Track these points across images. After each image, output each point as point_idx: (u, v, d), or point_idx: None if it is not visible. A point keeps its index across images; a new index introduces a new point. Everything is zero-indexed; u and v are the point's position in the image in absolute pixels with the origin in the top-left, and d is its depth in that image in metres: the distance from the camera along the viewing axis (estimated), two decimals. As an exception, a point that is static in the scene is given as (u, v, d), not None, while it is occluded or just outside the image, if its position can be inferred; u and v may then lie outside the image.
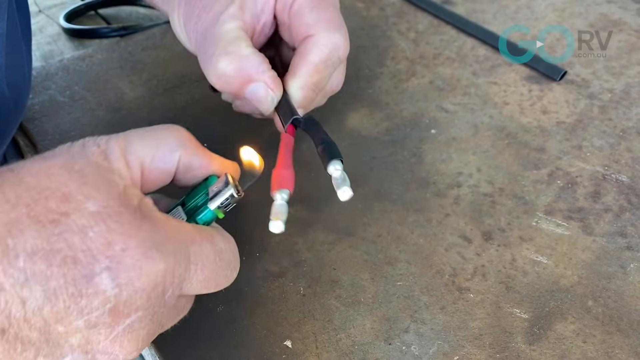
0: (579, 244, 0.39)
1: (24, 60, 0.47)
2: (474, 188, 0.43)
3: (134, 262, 0.25)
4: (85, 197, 0.25)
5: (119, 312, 0.25)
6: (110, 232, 0.25)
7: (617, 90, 0.51)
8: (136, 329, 0.26)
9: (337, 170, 0.32)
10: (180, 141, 0.31)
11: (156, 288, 0.26)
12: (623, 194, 0.42)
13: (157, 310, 0.26)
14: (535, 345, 0.34)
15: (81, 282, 0.24)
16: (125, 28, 0.62)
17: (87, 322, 0.24)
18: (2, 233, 0.23)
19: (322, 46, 0.38)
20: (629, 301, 0.36)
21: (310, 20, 0.38)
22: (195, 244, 0.28)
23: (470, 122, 0.49)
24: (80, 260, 0.24)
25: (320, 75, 0.39)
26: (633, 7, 0.61)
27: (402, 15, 0.62)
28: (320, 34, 0.38)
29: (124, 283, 0.24)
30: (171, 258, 0.26)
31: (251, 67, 0.37)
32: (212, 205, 0.31)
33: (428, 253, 0.39)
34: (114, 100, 0.53)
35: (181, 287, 0.27)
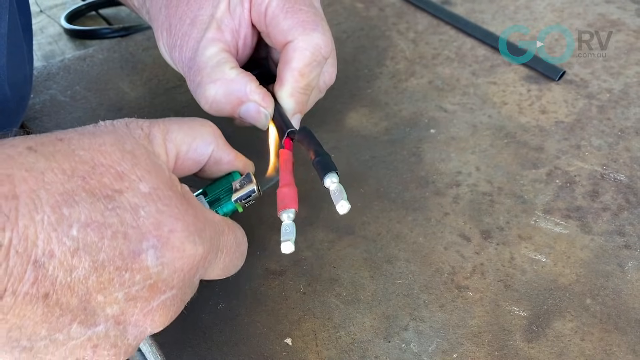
0: (578, 243, 0.40)
1: (25, 60, 0.48)
2: (473, 187, 0.44)
3: (179, 243, 0.26)
4: (139, 177, 0.26)
5: (156, 289, 0.26)
6: (160, 213, 0.26)
7: (615, 90, 0.51)
8: (167, 306, 0.27)
9: (333, 183, 0.32)
10: (214, 136, 0.33)
11: (191, 270, 0.27)
12: (621, 193, 0.43)
13: (186, 290, 0.28)
14: (534, 343, 0.34)
15: (128, 256, 0.25)
16: (125, 28, 0.62)
17: (126, 295, 0.25)
18: (59, 201, 0.24)
19: (303, 50, 0.38)
20: (626, 299, 0.36)
21: (285, 26, 0.38)
22: (225, 234, 0.30)
23: (469, 122, 0.49)
24: (130, 236, 0.25)
25: (307, 78, 0.39)
26: (632, 8, 0.61)
27: (401, 15, 0.62)
28: (298, 38, 0.38)
29: (167, 262, 0.26)
30: (207, 244, 0.28)
31: (239, 89, 0.38)
32: (234, 197, 0.34)
33: (427, 251, 0.40)
34: (114, 100, 0.53)
35: (206, 270, 0.29)
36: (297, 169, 0.45)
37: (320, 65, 0.39)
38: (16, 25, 0.45)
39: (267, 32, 0.40)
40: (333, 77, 0.43)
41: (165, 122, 0.31)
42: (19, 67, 0.46)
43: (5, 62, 0.43)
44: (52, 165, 0.24)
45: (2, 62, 0.43)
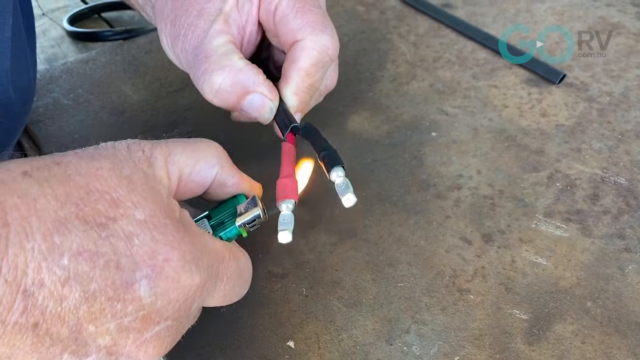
0: (578, 246, 0.40)
1: (29, 64, 0.48)
2: (474, 190, 0.44)
3: (174, 273, 0.26)
4: (134, 204, 0.26)
5: (150, 320, 0.25)
6: (155, 242, 0.25)
7: (615, 93, 0.52)
8: (162, 337, 0.26)
9: (339, 177, 0.33)
10: (219, 158, 0.33)
11: (187, 300, 0.27)
12: (621, 197, 0.43)
13: (182, 321, 0.27)
14: (535, 346, 0.35)
15: (121, 287, 0.24)
16: (128, 31, 0.62)
17: (118, 326, 0.25)
18: (50, 229, 0.23)
19: (311, 50, 0.38)
20: (627, 302, 0.36)
21: (295, 25, 0.38)
22: (225, 262, 0.30)
23: (470, 125, 0.49)
24: (123, 265, 0.24)
25: (312, 78, 0.39)
26: (632, 11, 0.61)
27: (402, 18, 0.62)
28: (307, 38, 0.38)
29: (161, 292, 0.25)
30: (205, 273, 0.27)
31: (247, 79, 0.37)
32: (238, 222, 0.33)
33: (429, 255, 0.40)
34: (117, 103, 0.54)
35: (204, 300, 0.29)
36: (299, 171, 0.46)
37: (325, 66, 0.40)
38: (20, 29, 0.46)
39: (275, 30, 0.40)
40: (334, 81, 0.43)
41: (169, 143, 0.31)
42: (23, 71, 0.46)
43: (9, 65, 0.43)
44: (45, 192, 0.24)
45: (6, 65, 0.43)
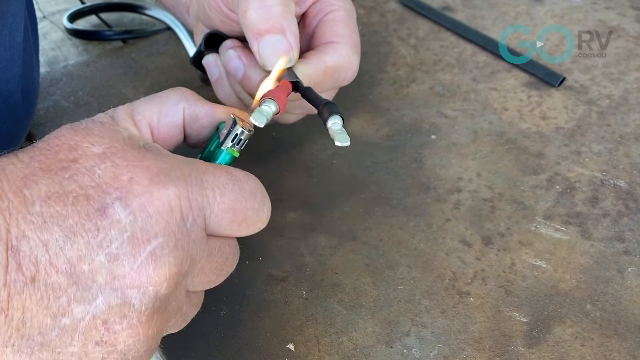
0: (578, 249, 0.40)
1: (34, 68, 0.48)
2: (474, 193, 0.44)
3: (143, 187, 0.26)
4: (91, 143, 0.27)
5: (137, 240, 0.25)
6: (116, 166, 0.26)
7: (615, 96, 0.52)
8: (159, 256, 0.26)
9: (337, 124, 0.33)
10: (183, 95, 0.33)
11: (172, 212, 0.26)
12: (621, 199, 0.43)
13: (180, 237, 0.26)
14: (534, 349, 0.35)
15: (95, 215, 0.25)
16: (128, 32, 0.62)
17: (108, 255, 0.25)
18: (19, 186, 0.25)
19: (342, 56, 0.39)
20: (626, 305, 0.37)
21: (341, 31, 0.40)
22: (208, 173, 0.29)
23: (470, 128, 0.49)
24: (91, 196, 0.25)
25: (324, 77, 0.39)
26: (631, 14, 0.61)
27: (402, 21, 0.62)
28: (345, 46, 0.39)
29: (137, 209, 0.25)
30: (181, 182, 0.27)
31: (291, 23, 0.36)
32: (224, 145, 0.32)
33: (429, 257, 0.40)
34: (117, 105, 0.54)
35: (204, 216, 0.28)
36: (299, 174, 0.46)
37: (338, 81, 0.40)
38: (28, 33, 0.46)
39: (315, 27, 0.41)
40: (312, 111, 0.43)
41: (132, 102, 0.31)
42: (30, 76, 0.46)
43: (20, 71, 0.43)
44: (12, 160, 0.26)
45: (17, 71, 0.43)
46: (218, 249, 0.30)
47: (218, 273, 0.30)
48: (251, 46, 0.37)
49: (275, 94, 0.33)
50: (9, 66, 0.42)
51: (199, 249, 0.28)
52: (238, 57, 0.40)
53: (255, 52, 0.37)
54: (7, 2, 0.40)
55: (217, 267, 0.30)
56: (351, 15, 0.42)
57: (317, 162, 0.47)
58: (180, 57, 0.59)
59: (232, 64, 0.40)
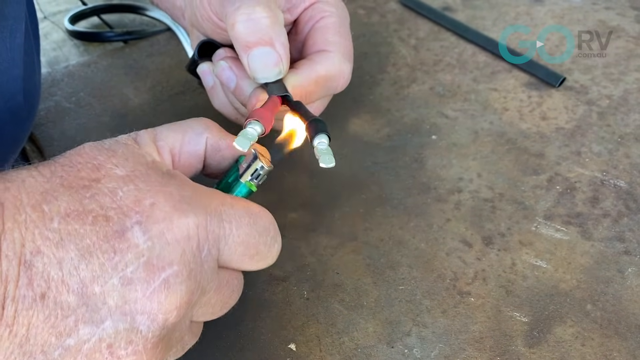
0: (578, 249, 0.40)
1: (36, 69, 0.48)
2: (475, 193, 0.44)
3: (164, 214, 0.25)
4: (114, 165, 0.26)
5: (153, 266, 0.25)
6: (139, 190, 0.26)
7: (615, 96, 0.52)
8: (173, 284, 0.25)
9: (322, 143, 0.33)
10: (206, 125, 0.33)
11: (189, 241, 0.26)
12: (621, 200, 0.43)
13: (193, 267, 0.26)
14: (535, 349, 0.35)
15: (113, 237, 0.24)
16: (129, 33, 0.63)
17: (122, 279, 0.24)
18: (39, 200, 0.24)
19: (333, 65, 0.39)
20: (626, 305, 0.37)
21: (332, 39, 0.40)
22: (227, 205, 0.28)
23: (470, 128, 0.50)
24: (111, 217, 0.25)
25: (316, 87, 0.39)
26: (631, 14, 0.62)
27: (402, 22, 0.62)
28: (336, 54, 0.39)
29: (156, 235, 0.25)
30: (201, 211, 0.27)
31: (280, 34, 0.36)
32: (243, 179, 0.32)
33: (429, 257, 0.40)
34: (119, 106, 0.54)
35: (218, 247, 0.28)
36: (300, 174, 0.46)
37: (329, 90, 0.40)
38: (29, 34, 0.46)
39: (307, 34, 0.41)
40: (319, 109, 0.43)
41: (155, 127, 0.31)
42: (31, 77, 0.47)
43: (21, 73, 0.43)
44: (32, 173, 0.26)
45: (18, 72, 0.43)
46: (227, 281, 0.29)
47: (222, 305, 0.30)
48: (241, 59, 0.37)
49: (260, 114, 0.33)
50: (11, 68, 0.42)
51: (209, 280, 0.28)
52: (230, 68, 0.40)
53: (245, 65, 0.37)
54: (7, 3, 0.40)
55: (223, 300, 0.30)
56: (343, 21, 0.42)
57: (318, 163, 0.47)
58: (181, 58, 0.59)
59: (225, 75, 0.40)
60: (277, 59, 0.36)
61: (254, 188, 0.33)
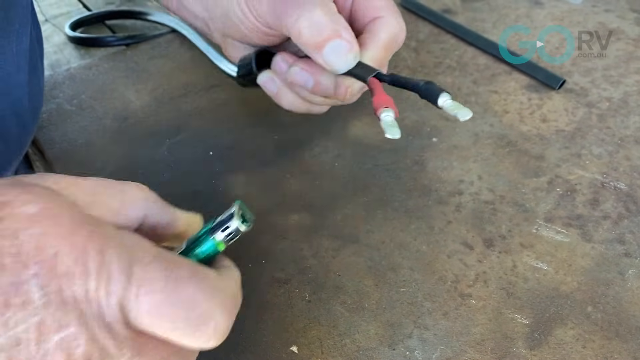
0: (579, 251, 0.40)
1: (40, 73, 0.49)
2: (475, 196, 0.44)
3: (65, 268, 0.22)
4: (24, 202, 0.23)
5: (46, 327, 0.22)
6: (45, 235, 0.22)
7: (615, 98, 0.52)
8: (67, 348, 0.22)
9: (446, 100, 0.35)
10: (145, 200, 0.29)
11: (90, 303, 0.23)
12: (621, 202, 0.43)
13: (97, 332, 0.23)
14: (536, 350, 0.35)
15: (8, 289, 0.21)
16: (130, 37, 0.63)
17: (8, 339, 0.21)
18: None
19: (392, 27, 0.40)
20: (627, 307, 0.37)
21: (379, 4, 0.41)
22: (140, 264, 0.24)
23: (471, 131, 0.50)
24: (7, 266, 0.21)
25: (386, 52, 0.40)
26: (631, 16, 0.62)
27: (403, 23, 0.62)
28: (389, 16, 0.40)
29: (53, 291, 0.22)
30: (104, 270, 0.23)
31: (341, 23, 0.38)
32: (213, 235, 0.28)
33: (431, 260, 0.40)
34: (120, 108, 0.54)
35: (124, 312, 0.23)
36: (302, 177, 0.46)
37: (396, 48, 0.41)
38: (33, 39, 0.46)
39: (350, 9, 0.42)
40: None
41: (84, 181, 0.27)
42: (36, 81, 0.47)
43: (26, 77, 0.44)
44: None
45: (24, 77, 0.43)
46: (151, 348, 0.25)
47: None
48: (316, 60, 0.38)
49: (383, 101, 0.35)
50: (17, 72, 0.43)
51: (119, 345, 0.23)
52: (302, 69, 0.41)
53: (322, 63, 0.38)
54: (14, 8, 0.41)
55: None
56: None
57: (319, 165, 0.48)
58: (182, 60, 0.59)
59: (301, 78, 0.41)
60: (348, 46, 0.37)
61: (222, 247, 0.28)
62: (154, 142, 0.50)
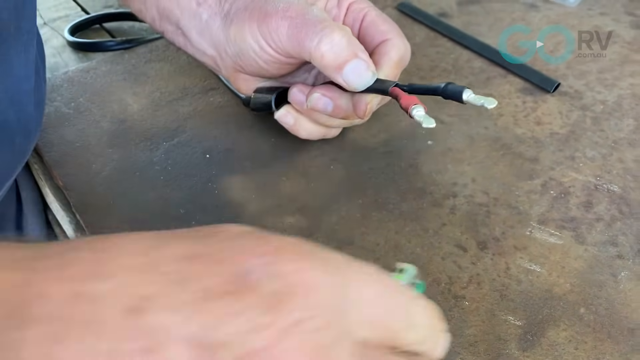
0: (572, 253, 0.40)
1: (42, 81, 0.49)
2: (470, 198, 0.45)
3: None
4: None
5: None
6: None
7: (609, 101, 0.52)
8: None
9: (470, 95, 0.39)
10: None
11: None
12: (614, 204, 0.43)
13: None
14: (529, 352, 0.35)
15: None
16: (129, 41, 0.63)
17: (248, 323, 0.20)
18: None
19: (399, 47, 0.44)
20: (619, 309, 0.37)
21: (384, 28, 0.44)
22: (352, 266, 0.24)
23: (465, 133, 0.50)
24: None
25: (397, 70, 0.44)
26: (626, 20, 0.62)
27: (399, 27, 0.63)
28: (396, 38, 0.44)
29: None
30: None
31: (357, 44, 0.41)
32: None
33: (425, 262, 0.41)
34: (118, 111, 0.54)
35: None
36: (298, 179, 0.47)
37: (403, 67, 0.45)
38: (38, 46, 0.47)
39: (359, 35, 0.45)
40: None
41: None
42: (40, 88, 0.48)
43: (33, 85, 0.44)
44: None
45: (30, 85, 0.44)
46: None
47: None
48: (336, 80, 0.41)
49: (411, 99, 0.38)
50: (24, 82, 0.43)
51: None
52: (322, 94, 0.43)
53: (342, 82, 0.40)
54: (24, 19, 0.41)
55: None
56: (378, 10, 0.46)
57: (315, 167, 0.48)
58: (180, 63, 0.60)
59: (321, 103, 0.43)
60: (366, 65, 0.40)
61: None
62: (151, 145, 0.50)
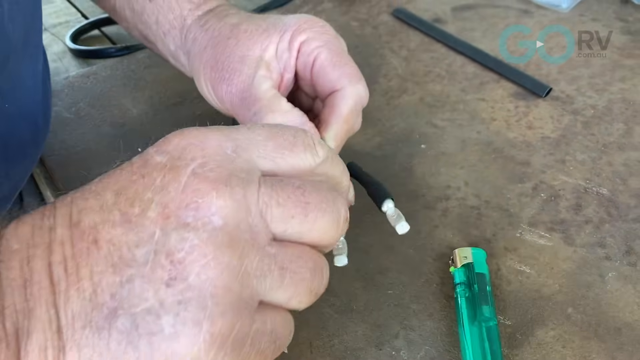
0: (561, 254, 0.41)
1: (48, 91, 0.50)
2: (462, 201, 0.46)
3: None
4: None
5: (177, 167, 0.25)
6: None
7: (599, 106, 0.53)
8: (200, 173, 0.25)
9: (390, 208, 0.38)
10: None
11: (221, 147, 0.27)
12: (603, 207, 0.44)
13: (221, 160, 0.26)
14: (517, 350, 0.36)
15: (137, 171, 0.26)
16: (128, 47, 0.64)
17: (153, 191, 0.25)
18: None
19: (349, 98, 0.41)
20: (606, 308, 0.38)
21: (333, 77, 0.41)
22: None
23: (458, 138, 0.51)
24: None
25: (349, 124, 0.42)
26: (617, 25, 0.63)
27: (394, 33, 0.64)
28: (345, 87, 0.41)
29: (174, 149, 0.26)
30: None
31: (294, 120, 0.40)
32: None
33: (417, 263, 0.41)
34: (117, 116, 0.55)
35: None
36: (293, 184, 0.47)
37: (359, 113, 0.43)
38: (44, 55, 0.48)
39: (311, 80, 0.43)
40: (359, 126, 0.45)
41: None
42: (47, 98, 0.49)
43: (41, 96, 0.45)
44: None
45: (39, 97, 0.45)
46: None
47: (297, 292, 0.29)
48: None
49: None
50: (33, 93, 0.45)
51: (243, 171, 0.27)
52: None
53: None
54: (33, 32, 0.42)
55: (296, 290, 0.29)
56: (335, 47, 0.42)
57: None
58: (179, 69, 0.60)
59: None
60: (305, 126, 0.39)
61: None
62: (150, 149, 0.51)
